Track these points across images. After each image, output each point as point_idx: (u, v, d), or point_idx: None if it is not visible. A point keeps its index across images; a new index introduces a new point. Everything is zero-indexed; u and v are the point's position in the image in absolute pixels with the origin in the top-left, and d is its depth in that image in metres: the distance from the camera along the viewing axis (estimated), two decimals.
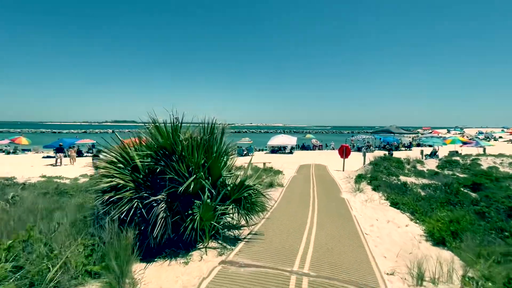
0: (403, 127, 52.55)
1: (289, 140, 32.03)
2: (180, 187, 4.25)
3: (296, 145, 33.79)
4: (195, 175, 4.53)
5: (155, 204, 4.30)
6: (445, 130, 72.84)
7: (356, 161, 19.91)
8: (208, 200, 4.79)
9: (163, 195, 4.36)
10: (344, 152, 17.95)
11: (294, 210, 7.76)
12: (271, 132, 75.25)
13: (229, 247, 5.00)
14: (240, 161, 22.86)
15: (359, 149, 31.28)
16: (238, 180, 5.31)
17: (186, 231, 4.42)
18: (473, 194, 11.37)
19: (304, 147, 36.49)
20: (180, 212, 4.61)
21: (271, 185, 10.80)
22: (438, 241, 5.79)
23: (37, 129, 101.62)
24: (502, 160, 17.53)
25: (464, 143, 24.94)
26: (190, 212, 4.58)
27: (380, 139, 35.57)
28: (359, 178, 12.27)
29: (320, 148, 36.19)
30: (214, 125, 5.38)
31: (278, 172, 14.82)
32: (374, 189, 10.72)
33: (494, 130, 72.16)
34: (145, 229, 4.26)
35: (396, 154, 23.86)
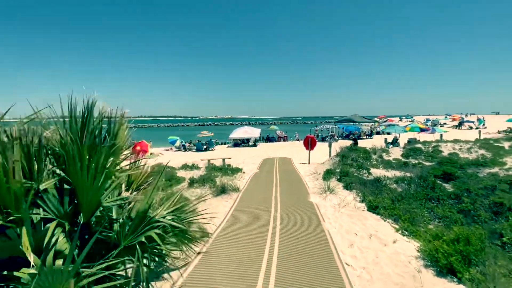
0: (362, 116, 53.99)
1: (252, 132, 29.96)
2: None
3: (260, 137, 31.89)
4: None
5: None
6: (398, 118, 77.59)
7: (322, 152, 18.60)
8: (59, 262, 2.33)
9: None
10: (310, 144, 16.43)
11: (247, 232, 5.60)
12: (236, 124, 72.49)
13: None
14: (199, 156, 19.65)
15: (323, 139, 30.56)
16: (134, 210, 2.90)
17: None
18: (446, 185, 10.54)
19: (269, 139, 34.85)
20: None
21: (223, 190, 8.53)
22: (445, 268, 4.14)
23: None
24: (461, 146, 17.61)
25: (422, 130, 25.45)
26: None
27: (342, 128, 35.42)
28: (328, 174, 10.64)
29: (285, 139, 34.88)
30: (90, 109, 2.88)
31: (237, 170, 12.61)
32: (346, 188, 9.11)
33: (438, 117, 78.75)
34: None
35: (359, 143, 23.32)
